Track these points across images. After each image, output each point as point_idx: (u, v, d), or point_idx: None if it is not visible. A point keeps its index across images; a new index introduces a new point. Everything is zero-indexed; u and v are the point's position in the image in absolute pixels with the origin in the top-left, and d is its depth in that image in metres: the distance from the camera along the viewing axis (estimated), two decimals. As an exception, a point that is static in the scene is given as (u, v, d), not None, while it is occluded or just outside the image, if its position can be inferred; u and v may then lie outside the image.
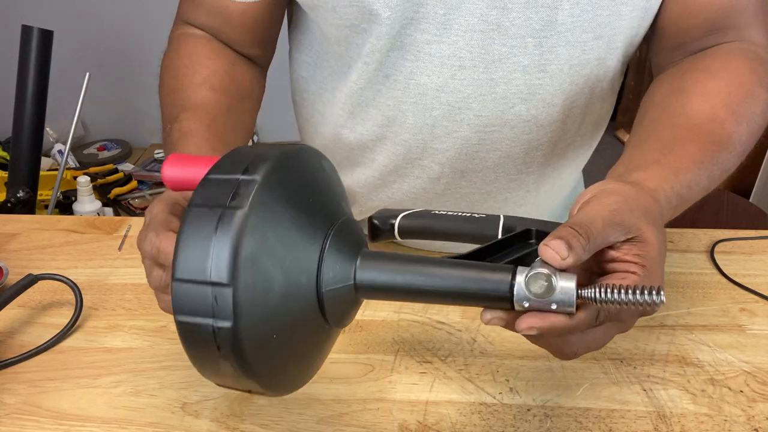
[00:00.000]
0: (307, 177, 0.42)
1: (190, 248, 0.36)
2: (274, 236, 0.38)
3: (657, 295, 0.37)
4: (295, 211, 0.39)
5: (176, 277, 0.37)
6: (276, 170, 0.39)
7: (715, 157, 0.55)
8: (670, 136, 0.56)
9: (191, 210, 0.37)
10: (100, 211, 1.95)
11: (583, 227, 0.41)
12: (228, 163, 0.39)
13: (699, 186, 0.53)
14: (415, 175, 0.73)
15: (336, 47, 0.69)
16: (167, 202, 0.50)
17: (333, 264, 0.41)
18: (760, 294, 0.76)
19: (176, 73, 0.69)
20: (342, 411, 0.61)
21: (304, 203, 0.40)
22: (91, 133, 2.79)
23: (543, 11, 0.62)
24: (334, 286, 0.41)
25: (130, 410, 0.62)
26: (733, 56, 0.64)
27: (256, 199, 0.37)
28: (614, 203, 0.44)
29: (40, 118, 1.66)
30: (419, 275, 0.41)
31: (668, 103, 0.61)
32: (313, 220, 0.40)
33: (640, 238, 0.43)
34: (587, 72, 0.66)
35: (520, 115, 0.67)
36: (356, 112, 0.72)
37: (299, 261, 0.39)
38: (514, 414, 0.60)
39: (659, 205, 0.48)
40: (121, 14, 2.52)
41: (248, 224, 0.36)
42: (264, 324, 0.37)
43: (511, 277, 0.40)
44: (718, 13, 0.64)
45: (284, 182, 0.39)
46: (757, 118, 0.60)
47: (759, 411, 0.60)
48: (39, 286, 0.75)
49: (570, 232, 0.40)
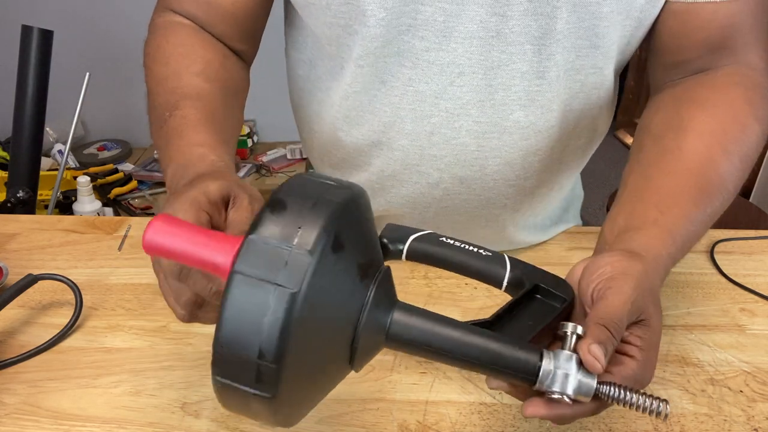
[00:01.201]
0: (361, 226, 0.41)
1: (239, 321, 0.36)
2: (329, 288, 0.38)
3: (665, 407, 0.41)
4: (350, 264, 0.39)
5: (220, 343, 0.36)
6: (337, 219, 0.37)
7: (709, 208, 0.58)
8: (668, 189, 0.58)
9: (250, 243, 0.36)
10: (100, 211, 1.95)
11: (616, 329, 0.44)
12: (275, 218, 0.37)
13: (691, 242, 0.57)
14: (414, 180, 0.73)
15: (328, 47, 0.69)
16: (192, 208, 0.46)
17: (371, 318, 0.41)
18: (760, 294, 0.76)
19: (168, 61, 0.67)
20: (342, 411, 0.61)
21: (357, 255, 0.40)
22: (91, 133, 2.79)
23: (542, 19, 0.62)
24: (368, 339, 0.42)
25: (130, 410, 0.62)
26: (728, 87, 0.64)
27: (318, 247, 0.36)
28: (633, 292, 0.46)
29: (40, 118, 1.66)
30: (450, 341, 0.43)
31: (665, 141, 0.62)
32: (361, 274, 0.41)
33: (646, 323, 0.46)
34: (582, 78, 0.67)
35: (518, 122, 0.68)
36: (352, 116, 0.71)
37: (344, 311, 0.40)
38: (513, 414, 0.60)
39: (659, 277, 0.51)
40: (121, 14, 2.52)
41: (309, 274, 0.36)
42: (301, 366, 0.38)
43: (539, 359, 0.42)
44: (717, 32, 0.65)
45: (343, 232, 0.38)
46: (752, 153, 0.62)
47: (759, 411, 0.60)
48: (39, 286, 0.75)
49: (608, 336, 0.43)
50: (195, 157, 0.56)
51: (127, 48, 2.59)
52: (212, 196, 0.48)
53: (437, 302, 0.75)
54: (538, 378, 0.42)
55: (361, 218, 0.41)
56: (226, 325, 0.36)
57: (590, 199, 0.89)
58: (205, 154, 0.56)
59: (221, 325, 0.36)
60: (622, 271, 0.47)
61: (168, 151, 0.59)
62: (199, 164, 0.55)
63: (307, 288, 0.36)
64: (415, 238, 0.51)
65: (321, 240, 0.36)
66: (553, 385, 0.42)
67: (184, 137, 0.58)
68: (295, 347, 0.36)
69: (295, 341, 0.36)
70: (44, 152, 2.08)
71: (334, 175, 0.79)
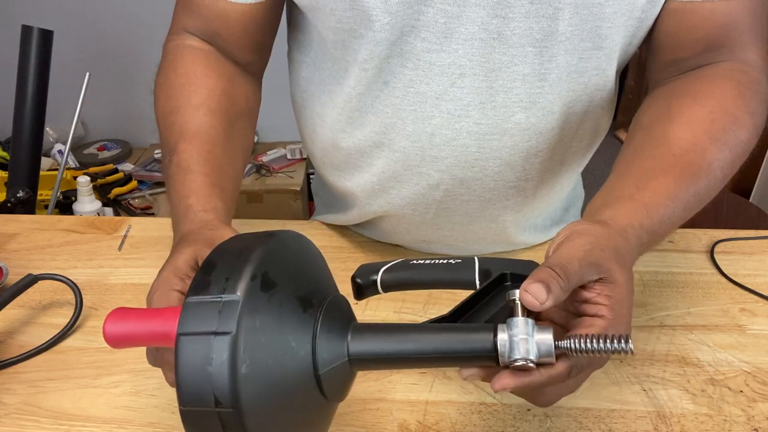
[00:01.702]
0: (292, 266, 0.43)
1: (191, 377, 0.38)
2: (267, 325, 0.39)
3: (626, 344, 0.40)
4: (284, 301, 0.41)
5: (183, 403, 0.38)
6: (264, 264, 0.40)
7: (692, 188, 0.57)
8: (648, 169, 0.57)
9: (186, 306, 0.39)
10: (100, 211, 1.94)
11: (562, 268, 0.43)
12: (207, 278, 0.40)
13: (673, 219, 0.55)
14: (414, 182, 0.73)
15: (333, 51, 0.69)
16: (164, 290, 0.50)
17: (326, 345, 0.42)
18: (760, 294, 0.76)
19: (172, 94, 0.68)
20: (342, 411, 0.61)
21: (291, 291, 0.42)
22: (91, 133, 2.79)
23: (544, 21, 0.62)
24: (330, 366, 0.43)
25: (130, 410, 0.62)
26: (721, 80, 0.64)
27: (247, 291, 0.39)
28: (587, 244, 0.46)
29: (40, 118, 1.66)
30: (408, 342, 0.44)
31: (653, 130, 0.62)
32: (303, 306, 0.42)
33: (610, 279, 0.45)
34: (585, 80, 0.67)
35: (519, 124, 0.68)
36: (354, 117, 0.72)
37: (294, 350, 0.41)
38: (514, 414, 0.60)
39: (629, 244, 0.50)
40: (121, 14, 2.52)
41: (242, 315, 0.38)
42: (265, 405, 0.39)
43: (493, 335, 0.42)
44: (714, 30, 0.65)
45: (272, 274, 0.40)
46: (743, 144, 0.61)
47: (759, 411, 0.60)
48: (39, 286, 0.75)
49: (549, 273, 0.42)
50: (181, 213, 0.59)
51: (128, 48, 2.59)
52: (180, 271, 0.51)
53: (436, 303, 0.75)
54: (498, 352, 0.41)
55: (293, 257, 0.44)
56: (182, 384, 0.38)
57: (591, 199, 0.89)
58: (191, 207, 0.59)
59: (178, 386, 0.38)
60: (578, 231, 0.47)
61: (169, 200, 0.63)
62: (184, 221, 0.58)
63: (243, 328, 0.38)
64: (386, 269, 0.52)
65: (248, 282, 0.39)
66: (513, 353, 0.41)
67: (177, 188, 0.61)
68: (251, 387, 0.38)
69: (248, 381, 0.37)
70: (44, 152, 2.08)
71: (335, 176, 0.80)
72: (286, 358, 0.40)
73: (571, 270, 0.43)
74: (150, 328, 0.44)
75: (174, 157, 0.63)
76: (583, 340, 0.41)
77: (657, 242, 0.55)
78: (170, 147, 0.65)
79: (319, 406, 0.44)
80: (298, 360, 0.41)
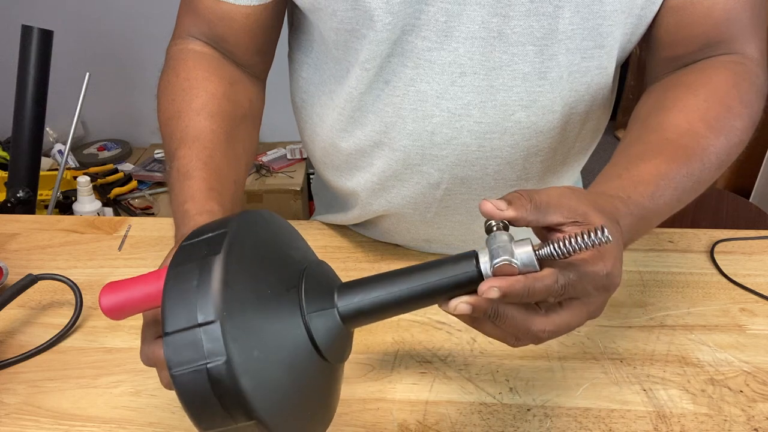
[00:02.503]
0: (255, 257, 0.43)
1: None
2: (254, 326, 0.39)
3: (602, 234, 0.40)
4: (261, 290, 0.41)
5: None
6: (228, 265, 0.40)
7: (685, 169, 0.56)
8: (640, 152, 0.58)
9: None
10: (100, 211, 1.94)
11: (528, 193, 0.44)
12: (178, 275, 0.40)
13: (665, 197, 0.54)
14: (415, 181, 0.73)
15: (335, 51, 0.69)
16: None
17: (317, 316, 0.43)
18: (760, 294, 0.76)
19: (174, 98, 0.69)
20: (342, 411, 0.61)
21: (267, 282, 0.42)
22: (91, 133, 2.79)
23: (544, 19, 0.62)
24: (326, 335, 0.43)
25: (130, 410, 0.62)
26: (716, 71, 0.64)
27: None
28: (564, 191, 0.46)
29: (40, 118, 1.66)
30: (394, 286, 0.44)
31: (648, 120, 0.62)
32: (281, 283, 0.42)
33: (585, 222, 0.45)
34: (588, 80, 0.67)
35: (520, 122, 0.68)
36: (356, 116, 0.72)
37: (285, 323, 0.41)
38: (514, 414, 0.60)
39: (613, 205, 0.50)
40: (121, 14, 2.52)
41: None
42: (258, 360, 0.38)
43: (475, 260, 0.43)
44: (714, 27, 0.65)
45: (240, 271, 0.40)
46: (738, 132, 0.61)
47: (759, 411, 0.60)
48: (39, 286, 0.75)
49: (513, 194, 0.44)
50: (179, 219, 0.59)
51: (128, 48, 2.59)
52: None
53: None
54: (482, 272, 0.42)
55: (254, 246, 0.43)
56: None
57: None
58: (187, 212, 0.59)
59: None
60: (556, 186, 0.48)
61: (171, 206, 0.63)
62: (181, 227, 0.58)
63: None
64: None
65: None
66: (495, 260, 0.42)
67: (176, 194, 0.62)
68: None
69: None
70: (44, 152, 2.07)
71: (336, 176, 0.80)
72: (282, 337, 0.40)
73: (537, 198, 0.44)
74: (143, 291, 0.44)
75: (174, 163, 0.64)
76: (561, 242, 0.41)
77: (655, 219, 0.54)
78: (171, 153, 0.65)
79: (323, 370, 0.43)
80: (293, 332, 0.41)
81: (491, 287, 0.41)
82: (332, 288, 0.45)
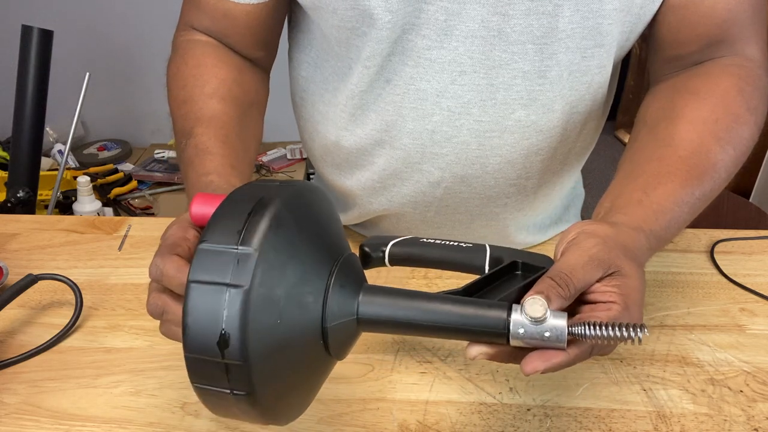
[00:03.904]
0: (311, 217, 0.43)
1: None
2: (282, 278, 0.39)
3: (641, 331, 0.40)
4: (301, 252, 0.41)
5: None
6: (282, 213, 0.40)
7: (698, 191, 0.57)
8: (655, 172, 0.58)
9: (200, 252, 0.38)
10: (100, 211, 1.94)
11: (564, 279, 0.44)
12: (234, 203, 0.40)
13: (679, 223, 0.56)
14: (415, 179, 0.74)
15: (336, 48, 0.70)
16: (182, 224, 0.49)
17: (337, 299, 0.42)
18: (760, 294, 0.76)
19: (185, 84, 0.69)
20: (342, 411, 0.61)
21: (309, 243, 0.41)
22: (91, 133, 2.78)
23: (544, 18, 0.62)
24: (338, 321, 0.42)
25: (130, 410, 0.62)
26: (721, 77, 0.65)
27: (264, 243, 0.38)
28: (594, 246, 0.46)
29: (40, 118, 1.66)
30: (419, 311, 0.43)
31: (657, 130, 0.63)
32: (318, 258, 0.42)
33: (619, 273, 0.46)
34: (588, 78, 0.67)
35: (520, 121, 0.68)
36: (356, 115, 0.72)
37: (306, 298, 0.41)
38: (514, 414, 0.60)
39: (639, 243, 0.51)
40: (121, 14, 2.52)
41: (258, 269, 0.37)
42: (271, 358, 0.39)
43: (507, 313, 0.42)
44: (715, 27, 0.65)
45: (290, 224, 0.40)
46: (745, 141, 0.62)
47: (759, 411, 0.60)
48: (39, 286, 0.75)
49: (550, 284, 0.43)
50: (202, 186, 0.59)
51: (127, 48, 2.59)
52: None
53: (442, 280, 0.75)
54: (510, 331, 0.41)
55: (309, 211, 0.43)
56: (189, 332, 0.38)
57: (591, 199, 0.89)
58: (212, 182, 0.59)
59: (185, 332, 0.38)
60: (586, 232, 0.48)
61: (186, 180, 0.63)
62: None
63: (257, 282, 0.37)
64: (395, 243, 0.52)
65: (264, 235, 0.38)
66: (526, 334, 0.41)
67: (196, 167, 0.61)
68: (259, 340, 0.37)
69: (257, 335, 0.37)
70: (44, 152, 2.07)
71: (336, 175, 0.80)
72: (297, 313, 0.40)
73: (574, 279, 0.44)
74: None
75: (191, 140, 0.64)
76: (597, 326, 0.41)
77: (663, 246, 0.55)
78: (186, 131, 0.65)
79: (320, 360, 0.43)
80: (309, 311, 0.41)
81: (535, 370, 0.41)
82: (358, 287, 0.44)
